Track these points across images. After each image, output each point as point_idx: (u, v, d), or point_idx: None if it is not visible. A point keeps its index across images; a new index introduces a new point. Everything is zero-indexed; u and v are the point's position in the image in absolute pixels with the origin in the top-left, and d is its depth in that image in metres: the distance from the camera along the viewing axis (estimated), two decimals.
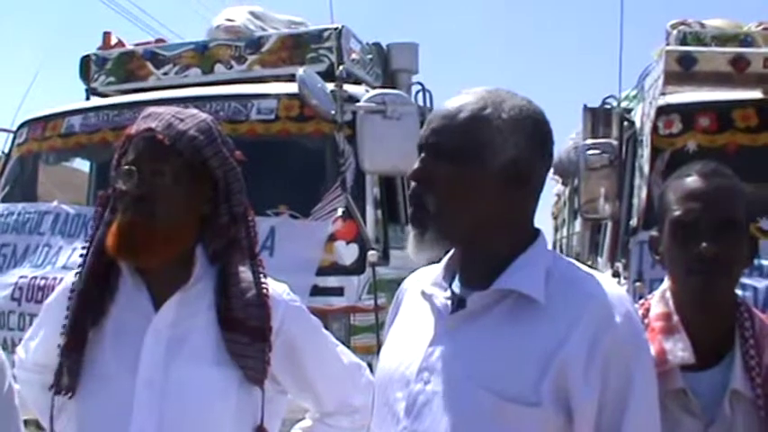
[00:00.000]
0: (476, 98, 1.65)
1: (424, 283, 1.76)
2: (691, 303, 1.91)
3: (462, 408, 1.57)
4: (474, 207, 1.62)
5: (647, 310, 1.95)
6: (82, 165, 6.61)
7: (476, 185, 1.61)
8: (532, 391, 1.53)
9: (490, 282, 1.62)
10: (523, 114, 1.64)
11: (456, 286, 1.71)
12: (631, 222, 4.56)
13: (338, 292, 4.34)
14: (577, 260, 1.81)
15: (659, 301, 1.97)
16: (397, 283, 1.90)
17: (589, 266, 1.72)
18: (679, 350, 1.86)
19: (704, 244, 1.85)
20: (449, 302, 1.68)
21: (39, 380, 2.24)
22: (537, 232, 1.69)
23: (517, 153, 1.61)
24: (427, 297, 1.73)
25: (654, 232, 2.02)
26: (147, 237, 1.94)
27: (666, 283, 1.99)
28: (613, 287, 1.63)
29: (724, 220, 1.88)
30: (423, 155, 1.65)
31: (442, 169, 1.61)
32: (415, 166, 1.65)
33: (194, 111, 2.07)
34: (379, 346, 4.23)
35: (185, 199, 1.98)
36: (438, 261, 1.76)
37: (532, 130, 1.64)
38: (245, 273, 2.03)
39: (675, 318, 1.91)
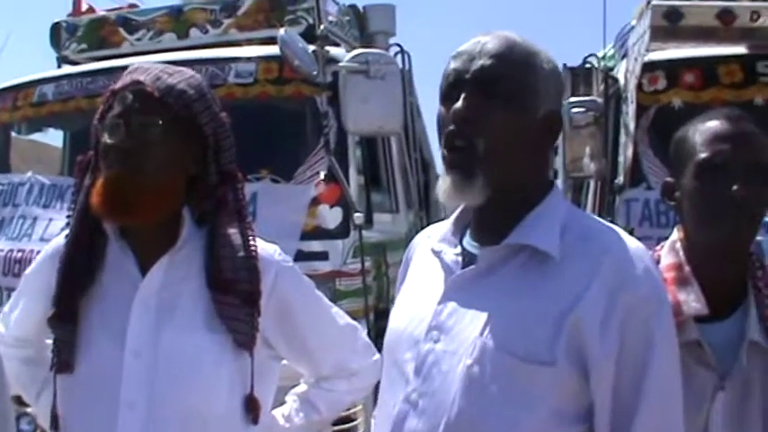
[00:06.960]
0: (516, 41, 1.58)
1: (433, 240, 1.69)
2: (713, 251, 1.85)
3: (473, 367, 1.51)
4: (520, 155, 1.56)
5: (657, 261, 1.90)
6: (54, 139, 6.48)
7: (525, 133, 1.55)
8: (546, 349, 1.47)
9: (503, 237, 1.56)
10: (557, 69, 1.62)
11: (467, 242, 1.64)
12: (617, 180, 4.53)
13: (323, 256, 4.27)
14: None
15: (669, 251, 1.91)
16: (381, 246, 1.83)
17: None
18: (692, 301, 1.81)
19: (735, 186, 1.78)
20: (459, 259, 1.62)
21: (19, 354, 2.16)
22: (551, 184, 1.63)
23: (553, 104, 1.59)
24: (436, 254, 1.66)
25: (668, 179, 1.95)
26: (135, 192, 1.84)
27: (676, 234, 1.93)
28: (631, 241, 1.56)
29: (753, 162, 1.82)
30: (467, 93, 1.54)
31: (496, 111, 1.53)
32: (461, 104, 1.54)
33: (182, 68, 1.99)
34: (366, 310, 4.22)
35: (174, 155, 1.89)
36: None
37: (562, 83, 1.64)
38: (234, 235, 1.95)
39: (687, 268, 1.86)
